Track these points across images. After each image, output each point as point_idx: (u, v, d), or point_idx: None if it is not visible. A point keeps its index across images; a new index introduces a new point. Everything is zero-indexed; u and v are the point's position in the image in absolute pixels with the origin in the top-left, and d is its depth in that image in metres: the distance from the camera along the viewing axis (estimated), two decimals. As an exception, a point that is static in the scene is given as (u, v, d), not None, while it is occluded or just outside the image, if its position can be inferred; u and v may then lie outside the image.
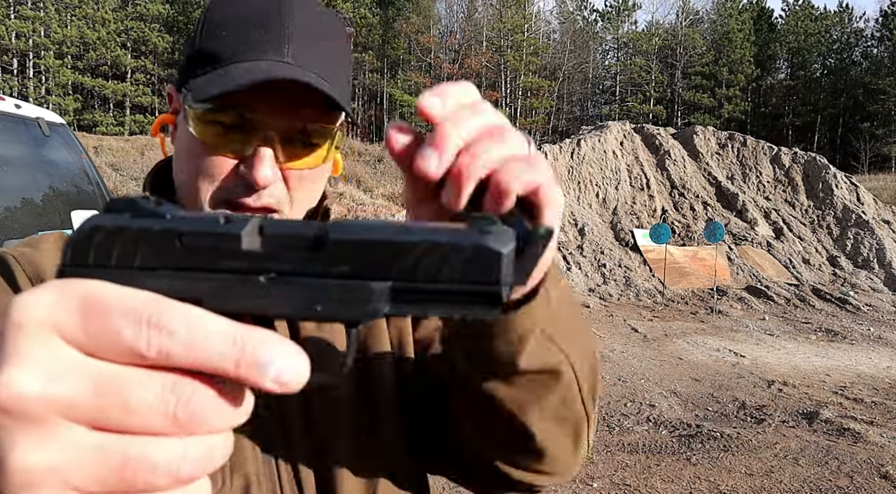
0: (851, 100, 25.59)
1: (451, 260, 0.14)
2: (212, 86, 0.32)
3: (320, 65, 0.34)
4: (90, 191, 2.02)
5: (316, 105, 0.33)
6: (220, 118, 0.33)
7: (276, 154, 0.34)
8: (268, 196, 0.34)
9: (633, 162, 9.01)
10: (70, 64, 22.27)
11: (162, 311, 0.13)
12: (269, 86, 0.32)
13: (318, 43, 0.35)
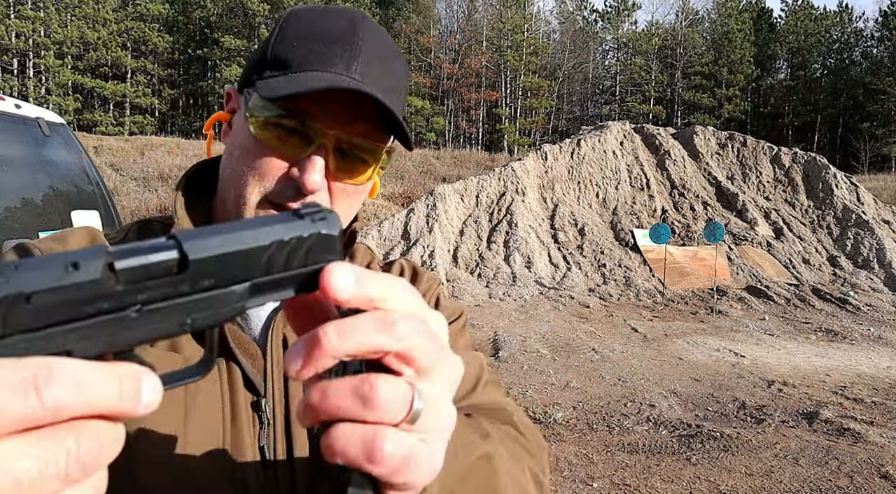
0: (851, 100, 25.58)
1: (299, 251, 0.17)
2: (279, 88, 0.33)
3: (383, 84, 0.35)
4: (90, 191, 2.03)
5: (372, 121, 0.35)
6: (281, 121, 0.34)
7: (326, 164, 0.35)
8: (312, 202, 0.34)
9: (633, 162, 9.01)
10: (70, 64, 22.28)
11: (48, 370, 0.13)
12: (331, 98, 0.34)
13: (383, 64, 0.36)
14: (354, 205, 0.39)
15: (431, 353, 0.18)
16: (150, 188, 10.34)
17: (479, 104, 26.54)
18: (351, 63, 0.35)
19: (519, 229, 7.37)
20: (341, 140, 0.35)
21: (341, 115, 0.34)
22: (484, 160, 16.28)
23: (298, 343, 0.17)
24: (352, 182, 0.37)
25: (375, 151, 0.37)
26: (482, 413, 0.35)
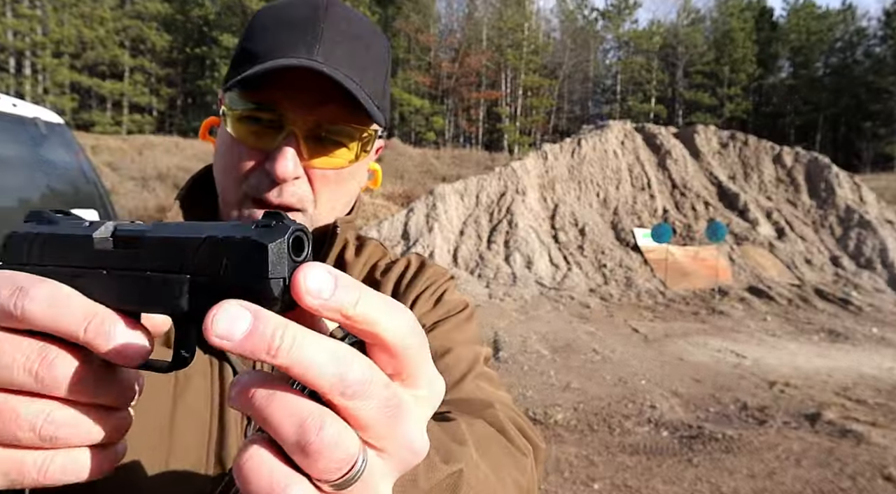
0: (854, 99, 25.52)
1: (231, 254, 0.16)
2: (238, 78, 0.33)
3: (350, 66, 0.34)
4: (87, 190, 2.01)
5: (341, 104, 0.34)
6: (251, 114, 0.35)
7: (299, 151, 0.34)
8: (290, 194, 0.35)
9: (634, 161, 8.99)
10: (67, 63, 22.24)
11: (31, 282, 0.16)
12: (297, 85, 0.33)
13: (351, 46, 0.35)
14: (344, 191, 0.38)
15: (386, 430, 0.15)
16: (148, 188, 10.32)
17: (479, 103, 26.52)
18: (312, 46, 0.34)
19: (519, 229, 7.36)
20: (311, 125, 0.34)
21: (308, 100, 0.34)
22: (484, 160, 16.27)
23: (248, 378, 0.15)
24: (329, 167, 0.36)
25: (351, 133, 0.35)
26: (465, 409, 0.33)
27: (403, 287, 0.41)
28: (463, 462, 0.25)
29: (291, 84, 0.33)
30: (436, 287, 0.42)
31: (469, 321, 0.42)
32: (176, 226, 0.17)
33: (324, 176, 0.36)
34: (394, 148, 15.04)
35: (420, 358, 0.16)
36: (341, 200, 0.38)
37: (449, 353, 0.37)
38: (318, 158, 0.35)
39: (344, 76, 0.33)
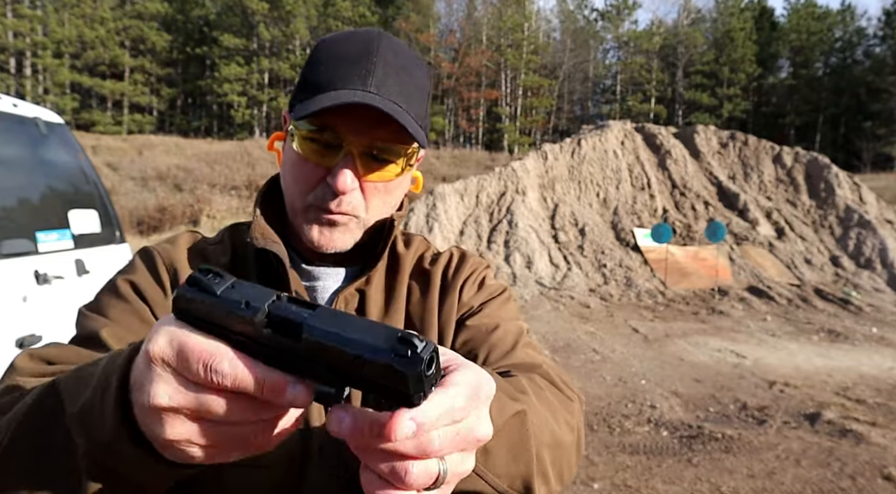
0: (854, 99, 25.52)
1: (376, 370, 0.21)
2: (304, 109, 0.40)
3: (398, 96, 0.41)
4: (88, 190, 2.01)
5: (390, 128, 0.41)
6: (314, 135, 0.41)
7: (355, 167, 0.41)
8: (347, 203, 0.42)
9: (634, 161, 8.99)
10: (68, 63, 22.24)
11: (216, 358, 0.23)
12: (352, 112, 0.40)
13: (398, 77, 0.42)
14: (391, 199, 0.45)
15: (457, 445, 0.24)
16: (148, 187, 10.32)
17: (479, 103, 26.51)
18: (367, 79, 0.41)
19: (519, 229, 7.35)
20: (365, 146, 0.41)
21: (362, 125, 0.41)
22: (484, 159, 16.26)
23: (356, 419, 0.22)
24: (381, 180, 0.43)
25: (398, 151, 0.42)
26: (521, 369, 0.42)
27: (451, 275, 0.48)
28: (525, 405, 0.34)
29: (350, 112, 0.40)
30: (477, 274, 0.49)
31: (509, 301, 0.50)
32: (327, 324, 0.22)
33: (375, 188, 0.43)
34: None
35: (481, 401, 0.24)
36: (389, 206, 0.45)
37: (498, 328, 0.45)
38: (372, 174, 0.42)
39: (392, 105, 0.40)
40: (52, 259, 1.68)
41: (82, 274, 1.77)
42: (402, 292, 0.47)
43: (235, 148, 14.40)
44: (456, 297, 0.47)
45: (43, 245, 1.68)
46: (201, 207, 8.98)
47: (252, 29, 24.63)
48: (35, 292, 1.58)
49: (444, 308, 0.46)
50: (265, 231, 0.44)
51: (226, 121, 25.81)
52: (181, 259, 0.45)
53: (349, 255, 0.45)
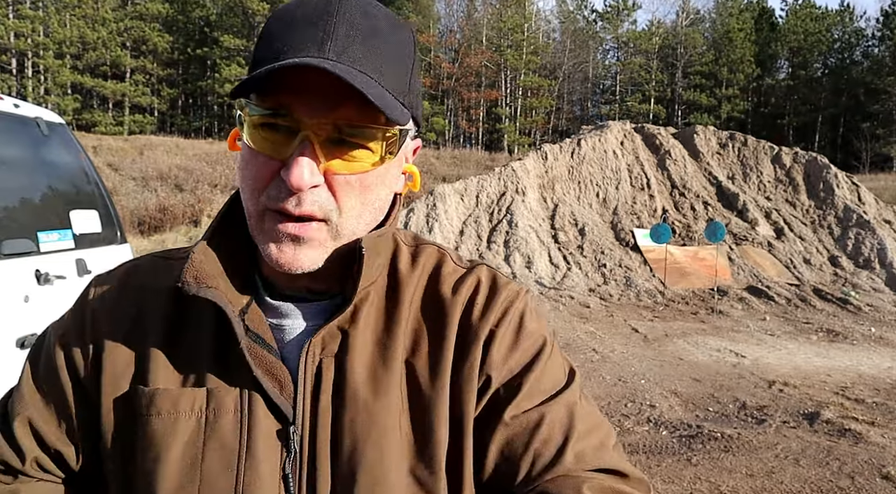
0: (852, 99, 25.54)
1: None
2: (242, 87, 0.31)
3: (365, 64, 0.32)
4: (89, 190, 2.02)
5: (359, 103, 0.31)
6: (265, 121, 0.32)
7: (315, 156, 0.32)
8: (310, 202, 0.32)
9: (634, 161, 8.99)
10: (69, 63, 22.26)
11: None
12: (308, 87, 0.31)
13: (367, 42, 0.32)
14: (372, 198, 0.34)
15: None
16: (149, 188, 10.33)
17: (478, 103, 26.52)
18: (324, 44, 0.31)
19: (519, 229, 7.36)
20: (328, 128, 0.32)
21: (322, 102, 0.31)
22: (484, 160, 16.27)
23: None
24: (351, 171, 0.33)
25: (372, 134, 0.32)
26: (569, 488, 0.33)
27: (476, 314, 0.36)
28: None
29: (303, 86, 0.31)
30: (513, 314, 0.37)
31: (553, 355, 0.37)
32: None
33: (346, 182, 0.33)
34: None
35: None
36: (369, 207, 0.34)
37: (542, 423, 0.34)
38: (337, 163, 0.32)
39: (358, 73, 0.31)
40: (53, 259, 1.68)
41: (83, 274, 1.78)
42: (401, 334, 0.35)
43: (235, 148, 14.39)
44: (479, 353, 0.34)
45: (44, 245, 1.69)
46: (202, 207, 9.00)
47: (252, 30, 24.65)
48: (36, 292, 1.58)
49: (463, 370, 0.34)
50: (200, 271, 0.34)
51: (226, 121, 25.83)
52: (110, 321, 0.37)
53: (330, 279, 0.34)
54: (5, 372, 1.46)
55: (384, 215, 0.37)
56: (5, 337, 1.48)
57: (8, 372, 1.47)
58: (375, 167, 0.34)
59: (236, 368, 0.34)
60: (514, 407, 0.34)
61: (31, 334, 1.54)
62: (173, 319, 0.37)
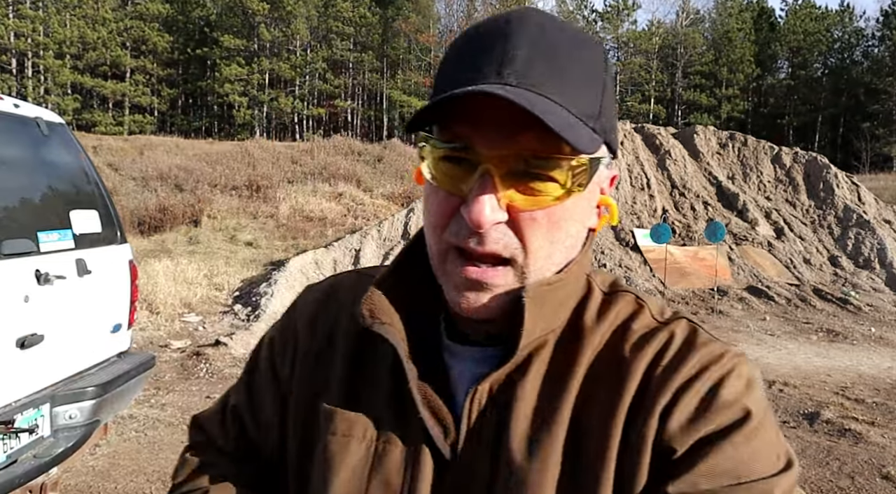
0: (852, 99, 25.55)
1: None
2: (415, 121, 0.30)
3: (548, 86, 0.29)
4: (89, 190, 2.02)
5: (538, 132, 0.28)
6: (445, 154, 0.31)
7: (497, 191, 0.29)
8: (493, 241, 0.30)
9: (634, 161, 9.00)
10: (69, 63, 22.27)
11: None
12: (485, 117, 0.29)
13: (550, 63, 0.30)
14: (557, 237, 0.31)
15: None
16: (150, 188, 10.33)
17: (479, 104, 26.44)
18: (502, 68, 0.29)
19: (519, 229, 7.36)
20: (509, 160, 0.29)
21: (500, 132, 0.29)
22: (484, 160, 16.17)
23: None
24: (536, 207, 0.30)
25: (557, 165, 0.30)
26: None
27: (658, 375, 0.31)
28: None
29: (481, 116, 0.29)
30: (706, 378, 0.30)
31: (759, 435, 0.29)
32: None
33: (532, 218, 0.30)
34: (394, 148, 15.05)
35: None
36: (558, 246, 0.32)
37: None
38: (520, 198, 0.30)
39: (538, 98, 0.28)
40: (53, 259, 1.68)
41: (83, 275, 1.78)
42: (571, 391, 0.31)
43: (236, 148, 14.40)
44: (655, 422, 0.29)
45: (44, 245, 1.69)
46: (202, 207, 8.99)
47: (253, 30, 24.65)
48: (36, 292, 1.58)
49: (632, 438, 0.30)
50: (375, 305, 0.33)
51: (226, 121, 25.84)
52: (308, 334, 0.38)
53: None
54: (5, 372, 1.46)
55: (575, 251, 0.33)
56: (5, 337, 1.47)
57: (8, 372, 1.48)
58: (562, 201, 0.31)
59: (409, 406, 0.33)
60: (684, 484, 0.28)
61: (31, 334, 1.54)
62: (360, 343, 0.37)
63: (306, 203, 9.82)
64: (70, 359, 1.70)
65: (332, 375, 0.37)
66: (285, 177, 11.41)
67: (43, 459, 1.52)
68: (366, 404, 0.35)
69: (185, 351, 3.91)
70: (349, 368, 0.37)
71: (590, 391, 0.32)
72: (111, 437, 2.45)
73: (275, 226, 8.97)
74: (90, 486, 2.14)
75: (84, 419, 1.64)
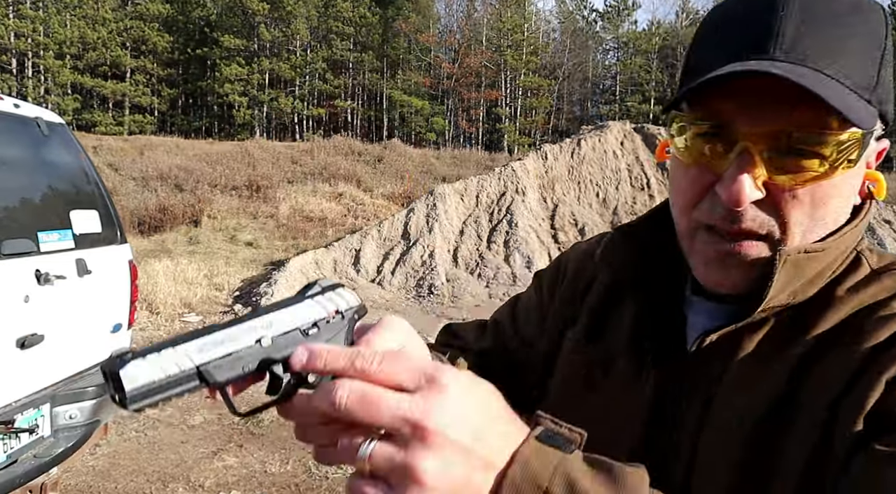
0: (852, 99, 25.48)
1: None
2: (675, 102, 0.30)
3: (821, 56, 0.27)
4: (89, 191, 2.02)
5: (807, 107, 0.27)
6: (697, 131, 0.30)
7: (756, 169, 0.29)
8: (749, 220, 0.30)
9: (634, 162, 9.00)
10: (69, 64, 22.29)
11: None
12: (752, 92, 0.28)
13: (825, 32, 0.28)
14: (819, 214, 0.30)
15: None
16: (150, 188, 10.34)
17: (478, 103, 26.54)
18: (768, 41, 0.27)
19: (519, 229, 7.37)
20: (770, 137, 0.28)
21: (764, 109, 0.28)
22: (484, 160, 16.27)
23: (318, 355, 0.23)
24: (798, 184, 0.29)
25: (823, 140, 0.28)
26: None
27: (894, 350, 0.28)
28: None
29: (741, 92, 0.28)
30: None
31: None
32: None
33: (792, 196, 0.29)
34: (394, 148, 15.06)
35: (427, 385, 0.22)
36: (819, 223, 0.30)
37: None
38: (781, 175, 0.29)
39: (810, 71, 0.27)
40: (53, 259, 1.68)
41: (83, 275, 1.78)
42: (789, 358, 0.30)
43: (236, 148, 14.42)
44: (879, 388, 0.27)
45: (44, 245, 1.69)
46: (202, 207, 9.00)
47: (253, 30, 24.66)
48: (36, 292, 1.58)
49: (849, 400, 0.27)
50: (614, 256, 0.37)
51: (226, 121, 25.85)
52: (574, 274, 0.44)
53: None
54: (5, 372, 1.47)
55: (837, 227, 0.32)
56: (5, 337, 1.47)
57: (8, 372, 1.48)
58: (828, 177, 0.29)
59: (642, 347, 0.36)
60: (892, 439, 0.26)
61: (31, 334, 1.54)
62: (610, 292, 0.41)
63: (306, 203, 9.82)
64: (70, 359, 1.70)
65: (582, 311, 0.42)
66: (285, 178, 11.42)
67: (43, 459, 1.52)
68: (606, 339, 0.39)
69: (185, 351, 3.92)
70: (598, 309, 0.41)
71: (816, 363, 0.30)
72: (111, 437, 2.46)
73: (275, 226, 8.98)
74: (90, 486, 2.14)
75: (84, 419, 1.65)
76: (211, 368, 0.23)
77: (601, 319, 0.41)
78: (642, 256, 0.37)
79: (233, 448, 2.48)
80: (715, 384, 0.32)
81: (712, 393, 0.32)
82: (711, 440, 0.31)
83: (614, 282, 0.40)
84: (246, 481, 2.22)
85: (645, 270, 0.37)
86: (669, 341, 0.36)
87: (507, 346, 0.47)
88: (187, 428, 2.66)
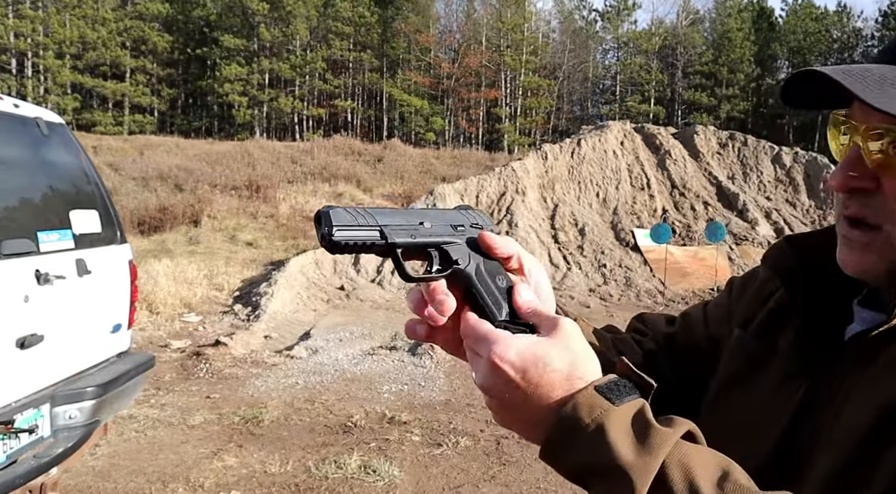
0: (852, 99, 25.49)
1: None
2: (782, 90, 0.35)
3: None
4: (89, 190, 2.01)
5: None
6: (832, 120, 0.35)
7: (863, 159, 0.31)
8: (857, 206, 0.32)
9: (634, 161, 9.00)
10: (69, 63, 22.29)
11: None
12: None
13: None
14: None
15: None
16: (149, 188, 10.33)
17: (478, 103, 26.55)
18: None
19: (519, 229, 7.37)
20: (877, 130, 0.31)
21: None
22: (484, 160, 16.28)
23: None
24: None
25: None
26: None
27: None
28: None
29: None
30: None
31: None
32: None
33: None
34: (394, 148, 15.05)
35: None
36: None
37: None
38: (882, 163, 0.31)
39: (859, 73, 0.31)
40: (53, 259, 1.68)
41: (83, 275, 1.78)
42: None
43: (236, 148, 14.41)
44: None
45: (44, 245, 1.68)
46: (202, 207, 9.00)
47: (252, 29, 24.66)
48: (36, 292, 1.58)
49: None
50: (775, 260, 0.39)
51: (226, 121, 25.85)
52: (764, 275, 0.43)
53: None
54: (5, 372, 1.46)
55: None
56: (5, 337, 1.47)
57: (8, 371, 1.48)
58: None
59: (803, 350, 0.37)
60: None
61: (31, 334, 1.54)
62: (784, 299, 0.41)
63: (306, 203, 9.82)
64: (70, 359, 1.70)
65: (762, 312, 0.42)
66: (285, 177, 11.41)
67: (43, 459, 1.52)
68: (770, 340, 0.40)
69: (184, 351, 3.91)
70: (775, 311, 0.41)
71: None
72: (111, 437, 2.46)
73: (275, 226, 8.98)
74: (90, 486, 2.14)
75: (84, 419, 1.65)
76: (389, 230, 0.31)
77: (774, 321, 0.41)
78: (812, 264, 0.38)
79: (233, 448, 2.48)
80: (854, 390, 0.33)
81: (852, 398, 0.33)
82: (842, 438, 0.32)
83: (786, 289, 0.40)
84: (246, 481, 2.23)
85: (816, 279, 0.38)
86: (829, 348, 0.36)
87: (693, 335, 0.48)
88: (187, 428, 2.66)
